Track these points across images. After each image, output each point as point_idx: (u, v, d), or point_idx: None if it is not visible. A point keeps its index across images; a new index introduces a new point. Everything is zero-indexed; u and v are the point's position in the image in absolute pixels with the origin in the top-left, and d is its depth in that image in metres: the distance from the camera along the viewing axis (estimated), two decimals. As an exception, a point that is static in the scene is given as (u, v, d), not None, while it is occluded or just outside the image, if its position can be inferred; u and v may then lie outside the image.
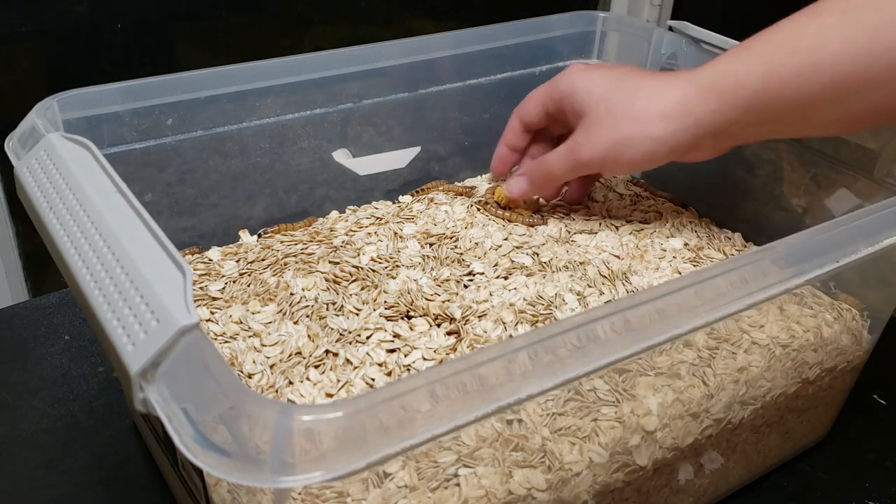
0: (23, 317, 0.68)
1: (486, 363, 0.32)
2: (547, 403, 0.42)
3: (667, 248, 0.59)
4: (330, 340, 0.49)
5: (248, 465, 0.28)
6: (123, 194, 0.39)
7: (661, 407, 0.45)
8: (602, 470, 0.43)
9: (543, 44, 0.72)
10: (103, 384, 0.61)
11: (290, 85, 0.61)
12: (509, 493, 0.41)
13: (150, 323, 0.32)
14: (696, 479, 0.50)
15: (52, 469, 0.54)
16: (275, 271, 0.56)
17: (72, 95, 0.52)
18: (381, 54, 0.64)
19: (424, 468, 0.39)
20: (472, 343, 0.49)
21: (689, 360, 0.46)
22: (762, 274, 0.39)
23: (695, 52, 0.66)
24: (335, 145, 0.65)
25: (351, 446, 0.29)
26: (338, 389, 0.46)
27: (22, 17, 0.85)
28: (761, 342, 0.49)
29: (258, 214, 0.64)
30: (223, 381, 0.30)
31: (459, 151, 0.73)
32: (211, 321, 0.52)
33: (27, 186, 0.43)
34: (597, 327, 0.35)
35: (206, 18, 0.96)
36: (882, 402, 0.63)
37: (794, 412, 0.54)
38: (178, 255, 0.35)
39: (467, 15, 1.19)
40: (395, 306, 0.52)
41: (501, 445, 0.41)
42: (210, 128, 0.59)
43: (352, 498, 0.38)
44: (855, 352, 0.55)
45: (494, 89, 0.71)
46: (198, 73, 0.57)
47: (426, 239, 0.60)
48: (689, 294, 0.37)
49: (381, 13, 1.09)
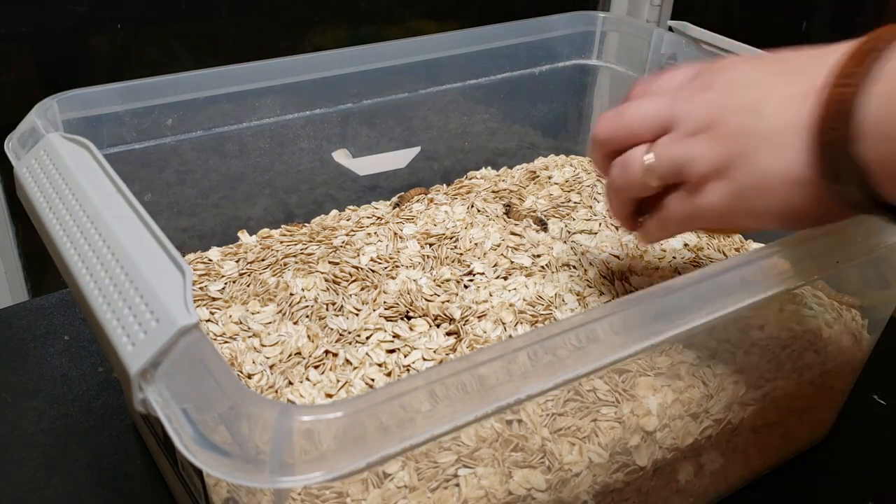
0: (23, 317, 0.68)
1: (485, 363, 0.32)
2: (547, 404, 0.42)
3: (667, 248, 0.59)
4: (330, 341, 0.49)
5: (247, 466, 0.28)
6: (123, 194, 0.39)
7: (660, 407, 0.45)
8: (602, 470, 0.43)
9: (543, 44, 0.72)
10: (103, 384, 0.61)
11: (290, 85, 0.61)
12: (509, 494, 0.41)
13: (150, 323, 0.32)
14: (696, 479, 0.50)
15: (51, 469, 0.54)
16: (274, 271, 0.56)
17: (72, 95, 0.52)
18: (381, 54, 0.64)
19: (424, 468, 0.39)
20: (472, 343, 0.49)
21: (689, 360, 0.46)
22: (762, 274, 0.39)
23: (695, 52, 0.66)
24: (335, 145, 0.65)
25: (351, 446, 0.29)
26: (337, 390, 0.46)
27: (22, 18, 0.85)
28: (761, 342, 0.49)
29: (258, 214, 0.64)
30: (223, 382, 0.30)
31: (459, 151, 0.73)
32: (211, 321, 0.52)
33: (27, 186, 0.43)
34: (597, 327, 0.35)
35: (206, 18, 0.96)
36: (882, 402, 0.63)
37: (794, 412, 0.54)
38: (177, 256, 0.35)
39: (467, 15, 1.19)
40: (394, 306, 0.52)
41: (501, 446, 0.41)
42: (210, 128, 0.59)
43: (351, 498, 0.38)
44: (855, 352, 0.55)
45: (494, 89, 0.71)
46: (198, 73, 0.57)
47: (426, 239, 0.60)
48: (689, 294, 0.37)
49: (381, 13, 1.08)
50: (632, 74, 0.72)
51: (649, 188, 0.41)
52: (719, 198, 0.38)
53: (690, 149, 0.38)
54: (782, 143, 0.34)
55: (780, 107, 0.35)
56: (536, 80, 0.73)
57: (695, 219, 0.40)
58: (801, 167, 0.34)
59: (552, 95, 0.75)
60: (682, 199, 0.39)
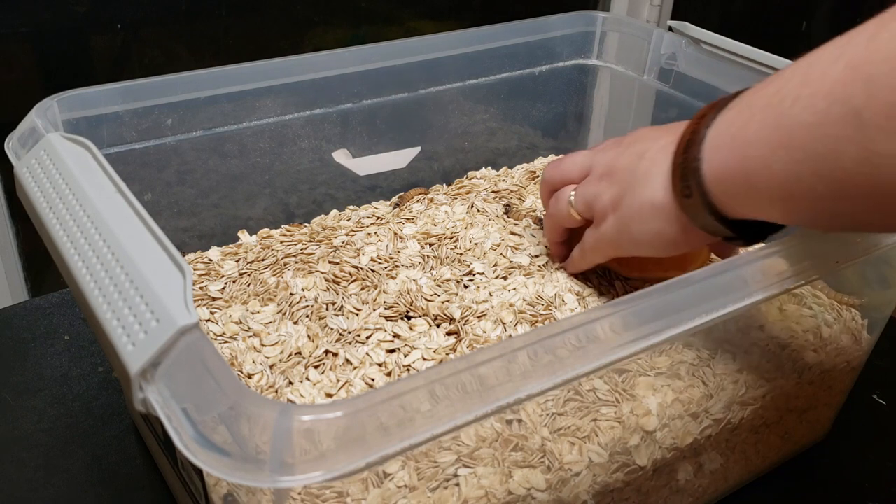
0: (23, 317, 0.68)
1: (485, 363, 0.32)
2: (546, 403, 0.42)
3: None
4: (330, 340, 0.49)
5: (247, 465, 0.28)
6: (123, 194, 0.39)
7: (660, 407, 0.45)
8: (602, 470, 0.43)
9: (543, 44, 0.72)
10: (103, 384, 0.61)
11: (290, 85, 0.61)
12: (509, 493, 0.41)
13: (150, 323, 0.32)
14: (696, 478, 0.50)
15: (51, 469, 0.54)
16: (275, 271, 0.56)
17: (72, 95, 0.52)
18: (381, 54, 0.64)
19: (424, 468, 0.39)
20: (472, 343, 0.49)
21: (688, 360, 0.46)
22: (762, 274, 0.39)
23: (695, 52, 0.66)
24: (335, 145, 0.65)
25: (351, 446, 0.29)
26: (337, 389, 0.46)
27: (22, 17, 0.85)
28: (761, 342, 0.49)
29: (258, 214, 0.64)
30: (223, 382, 0.30)
31: (459, 151, 0.73)
32: (211, 321, 0.52)
33: (27, 186, 0.43)
34: (596, 327, 0.35)
35: (206, 18, 0.96)
36: (882, 402, 0.63)
37: (794, 412, 0.54)
38: (178, 255, 0.35)
39: (467, 15, 1.19)
40: (394, 306, 0.52)
41: (501, 445, 0.41)
42: (210, 128, 0.59)
43: (351, 498, 0.38)
44: (855, 352, 0.55)
45: (494, 89, 0.71)
46: (198, 73, 0.57)
47: (426, 239, 0.60)
48: (689, 294, 0.37)
49: (381, 13, 1.09)
50: (632, 74, 0.72)
51: (574, 219, 0.50)
52: (610, 227, 0.46)
53: (597, 188, 0.48)
54: (653, 177, 0.43)
55: (658, 152, 0.43)
56: (536, 80, 0.73)
57: (599, 246, 0.49)
58: (665, 193, 0.42)
59: (552, 95, 0.75)
60: (592, 230, 0.49)
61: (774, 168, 0.34)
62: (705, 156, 0.38)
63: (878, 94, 0.30)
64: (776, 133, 0.34)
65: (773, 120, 0.34)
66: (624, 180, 0.45)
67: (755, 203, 0.37)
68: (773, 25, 1.44)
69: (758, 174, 0.36)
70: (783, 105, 0.34)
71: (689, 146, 0.39)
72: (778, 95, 0.34)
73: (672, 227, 0.42)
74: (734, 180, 0.37)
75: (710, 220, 0.40)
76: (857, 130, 0.31)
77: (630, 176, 0.45)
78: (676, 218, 0.42)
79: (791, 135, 0.33)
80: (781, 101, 0.34)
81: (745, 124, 0.36)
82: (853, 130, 0.31)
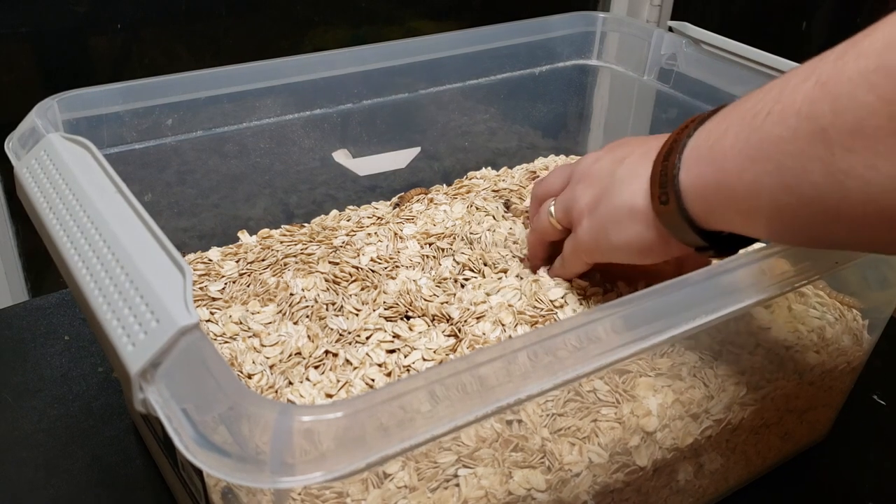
0: (22, 317, 0.68)
1: (485, 364, 0.32)
2: (547, 404, 0.42)
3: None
4: (330, 341, 0.49)
5: (247, 466, 0.28)
6: (123, 194, 0.39)
7: (660, 408, 0.45)
8: (602, 470, 0.43)
9: (543, 44, 0.72)
10: (103, 384, 0.61)
11: (290, 85, 0.61)
12: (509, 494, 0.41)
13: (150, 323, 0.32)
14: (696, 479, 0.50)
15: (51, 469, 0.54)
16: (275, 272, 0.56)
17: (72, 96, 0.52)
18: (381, 54, 0.64)
19: (424, 468, 0.39)
20: (472, 344, 0.49)
21: (689, 361, 0.46)
22: (762, 274, 0.39)
23: (695, 52, 0.66)
24: (335, 145, 0.65)
25: (351, 447, 0.29)
26: (337, 390, 0.46)
27: (21, 18, 0.85)
28: (766, 343, 0.49)
29: (258, 214, 0.64)
30: (223, 382, 0.30)
31: (459, 151, 0.73)
32: (211, 321, 0.52)
33: (27, 186, 0.43)
34: (597, 327, 0.35)
35: (206, 18, 0.96)
36: (882, 402, 0.63)
37: (794, 413, 0.54)
38: (178, 256, 0.35)
39: (467, 15, 1.19)
40: (394, 307, 0.52)
41: (501, 446, 0.41)
42: (210, 128, 0.59)
43: (351, 498, 0.38)
44: (855, 352, 0.55)
45: (494, 89, 0.71)
46: (198, 73, 0.57)
47: (426, 239, 0.60)
48: (690, 294, 0.37)
49: (381, 13, 1.08)
50: (632, 75, 0.72)
51: (555, 230, 0.51)
52: (587, 231, 0.47)
53: (574, 192, 0.48)
54: (633, 182, 0.43)
55: (639, 157, 0.44)
56: (536, 80, 0.73)
57: (577, 252, 0.49)
58: (643, 198, 0.42)
59: (552, 96, 0.75)
60: (571, 237, 0.49)
61: (746, 180, 0.35)
62: (684, 165, 0.39)
63: (843, 113, 0.30)
64: (748, 146, 0.35)
65: (746, 133, 0.35)
66: (602, 184, 0.45)
67: (728, 214, 0.38)
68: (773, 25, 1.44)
69: (731, 185, 0.36)
70: (757, 119, 0.34)
71: (670, 154, 0.40)
72: (754, 109, 0.35)
73: (649, 232, 0.43)
74: (709, 190, 0.38)
75: (685, 227, 0.40)
76: (823, 147, 0.31)
77: (608, 179, 0.45)
78: (653, 224, 0.42)
79: (762, 148, 0.34)
80: (756, 115, 0.34)
81: (722, 136, 0.37)
82: (820, 147, 0.31)
